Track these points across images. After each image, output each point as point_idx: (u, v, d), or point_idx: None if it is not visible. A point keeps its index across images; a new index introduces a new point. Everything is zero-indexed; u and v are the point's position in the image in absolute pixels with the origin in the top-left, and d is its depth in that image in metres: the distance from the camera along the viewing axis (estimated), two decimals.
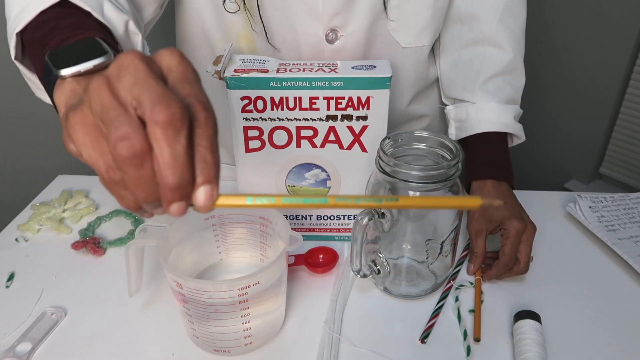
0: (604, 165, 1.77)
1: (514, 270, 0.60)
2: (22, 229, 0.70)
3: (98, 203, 0.76)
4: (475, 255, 0.61)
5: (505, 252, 0.59)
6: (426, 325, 0.55)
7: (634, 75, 1.59)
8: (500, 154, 0.70)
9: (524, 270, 0.60)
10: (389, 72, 0.56)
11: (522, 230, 0.60)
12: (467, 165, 0.70)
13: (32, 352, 0.52)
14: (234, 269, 0.60)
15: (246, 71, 0.56)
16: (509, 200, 0.65)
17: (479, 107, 0.70)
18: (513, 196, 0.67)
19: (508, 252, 0.59)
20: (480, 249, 0.61)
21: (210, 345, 0.51)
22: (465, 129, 0.71)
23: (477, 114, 0.70)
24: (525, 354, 0.49)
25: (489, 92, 0.70)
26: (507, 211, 0.62)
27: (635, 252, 0.64)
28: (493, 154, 0.70)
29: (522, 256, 0.60)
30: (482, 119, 0.70)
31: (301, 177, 0.63)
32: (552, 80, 1.75)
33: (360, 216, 0.52)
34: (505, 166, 0.69)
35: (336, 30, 0.64)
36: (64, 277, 0.62)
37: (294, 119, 0.59)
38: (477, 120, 0.70)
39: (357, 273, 0.56)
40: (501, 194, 0.66)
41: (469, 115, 0.71)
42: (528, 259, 0.60)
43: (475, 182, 0.68)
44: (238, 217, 0.57)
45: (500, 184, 0.67)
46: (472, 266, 0.62)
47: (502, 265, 0.59)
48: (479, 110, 0.70)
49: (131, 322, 0.56)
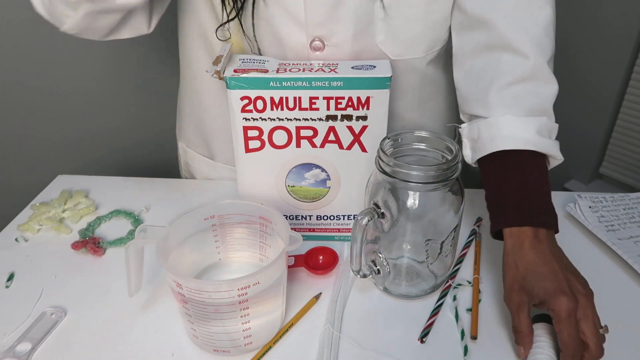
0: (604, 165, 1.77)
1: (587, 358, 0.47)
2: (22, 229, 0.70)
3: (98, 203, 0.76)
4: (520, 334, 0.50)
5: (564, 340, 0.47)
6: (425, 325, 0.55)
7: (634, 75, 1.59)
8: (533, 182, 0.56)
9: (598, 353, 0.47)
10: (389, 72, 0.56)
11: (574, 308, 0.48)
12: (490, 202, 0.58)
13: (32, 352, 0.52)
14: (233, 269, 0.60)
15: (246, 71, 0.56)
16: (550, 265, 0.51)
17: (491, 122, 0.59)
18: (555, 252, 0.53)
19: (567, 340, 0.47)
20: (525, 325, 0.49)
21: (210, 345, 0.51)
22: (479, 149, 0.60)
23: (489, 130, 0.59)
24: (537, 355, 0.49)
25: (505, 104, 0.59)
26: (549, 283, 0.50)
27: (635, 252, 0.64)
28: (524, 184, 0.56)
29: (588, 338, 0.47)
30: (494, 135, 0.58)
31: (301, 177, 0.63)
32: None
33: (360, 216, 0.52)
34: (543, 202, 0.55)
35: (322, 39, 0.63)
36: (64, 277, 0.62)
37: (293, 119, 0.59)
38: (489, 137, 0.58)
39: (357, 273, 0.56)
40: (542, 257, 0.52)
41: (481, 132, 0.59)
42: (597, 338, 0.47)
43: (507, 232, 0.54)
44: (238, 217, 0.57)
45: (538, 234, 0.53)
46: (522, 349, 0.50)
47: (570, 357, 0.47)
48: (491, 126, 0.58)
49: (131, 322, 0.56)
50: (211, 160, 0.82)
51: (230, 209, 0.57)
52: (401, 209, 0.54)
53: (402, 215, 0.54)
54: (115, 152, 1.44)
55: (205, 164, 0.83)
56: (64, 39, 1.22)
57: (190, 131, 0.83)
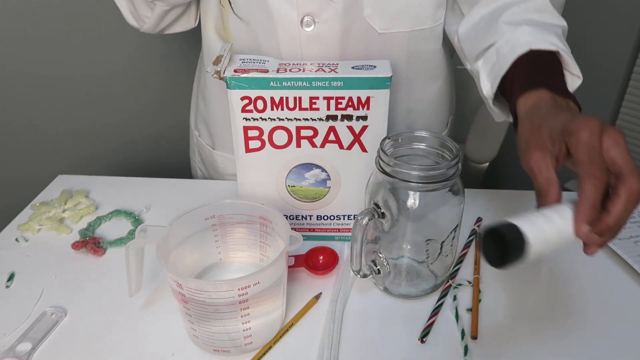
0: None
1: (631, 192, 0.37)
2: (22, 229, 0.70)
3: (98, 203, 0.76)
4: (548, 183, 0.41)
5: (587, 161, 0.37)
6: (425, 325, 0.55)
7: (634, 75, 1.59)
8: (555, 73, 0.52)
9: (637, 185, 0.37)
10: (389, 72, 0.56)
11: (598, 129, 0.39)
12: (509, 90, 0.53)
13: (32, 352, 0.52)
14: (233, 269, 0.60)
15: (246, 71, 0.56)
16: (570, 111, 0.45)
17: (508, 37, 0.55)
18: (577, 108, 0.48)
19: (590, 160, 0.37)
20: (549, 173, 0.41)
21: (210, 345, 0.51)
22: (500, 67, 0.55)
23: (507, 43, 0.55)
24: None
25: (517, 23, 0.56)
26: (568, 114, 0.43)
27: (635, 252, 0.64)
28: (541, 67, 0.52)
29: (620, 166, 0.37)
30: (515, 43, 0.54)
31: (301, 177, 0.63)
32: None
33: (360, 216, 0.52)
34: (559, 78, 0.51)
35: (312, 15, 0.64)
36: (64, 277, 0.62)
37: (294, 119, 0.59)
38: (509, 49, 0.54)
39: (357, 273, 0.56)
40: (558, 105, 0.46)
41: (500, 50, 0.56)
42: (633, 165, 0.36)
43: (521, 100, 0.49)
44: (238, 217, 0.57)
45: (556, 98, 0.47)
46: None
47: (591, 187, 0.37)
48: (509, 40, 0.55)
49: (131, 322, 0.56)
50: (212, 148, 0.83)
51: (230, 209, 0.57)
52: (401, 209, 0.54)
53: (402, 215, 0.54)
54: (115, 151, 1.44)
55: (209, 153, 0.85)
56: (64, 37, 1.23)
57: (198, 119, 0.86)
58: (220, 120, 0.80)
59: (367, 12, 0.65)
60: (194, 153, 0.92)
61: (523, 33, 0.54)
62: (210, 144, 0.85)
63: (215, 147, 0.84)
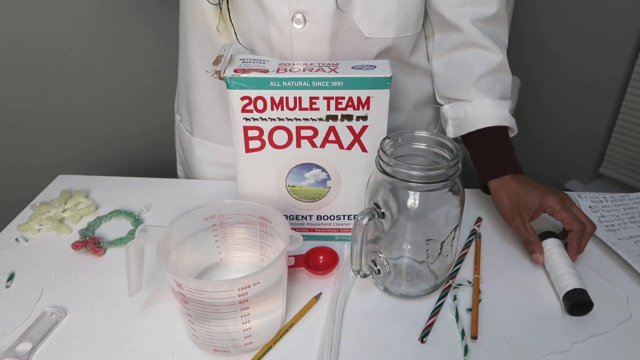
0: (604, 165, 1.77)
1: (587, 233, 0.63)
2: (22, 229, 0.70)
3: (98, 203, 0.76)
4: (531, 242, 0.64)
5: (568, 222, 0.63)
6: (425, 325, 0.55)
7: (634, 75, 1.59)
8: (507, 148, 0.72)
9: (593, 227, 0.63)
10: (389, 72, 0.56)
11: (564, 198, 0.64)
12: (478, 164, 0.73)
13: (32, 352, 0.52)
14: (234, 269, 0.60)
15: (246, 71, 0.56)
16: (531, 185, 0.68)
17: (476, 105, 0.73)
18: (531, 180, 0.70)
19: (571, 221, 0.63)
20: (533, 234, 0.65)
21: (210, 345, 0.51)
22: (464, 126, 0.73)
23: (475, 110, 0.73)
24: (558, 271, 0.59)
25: (483, 90, 0.73)
26: (537, 192, 0.66)
27: (635, 252, 0.64)
28: (501, 149, 0.72)
29: (581, 217, 0.63)
30: (480, 115, 0.72)
31: (301, 177, 0.63)
32: (552, 80, 1.75)
33: (361, 216, 0.52)
34: (515, 160, 0.72)
35: (303, 13, 0.65)
36: (64, 277, 0.62)
37: (294, 119, 0.59)
38: (475, 117, 0.72)
39: (357, 273, 0.56)
40: (524, 183, 0.68)
41: (467, 113, 0.73)
42: (586, 217, 0.64)
43: (494, 181, 0.70)
44: (238, 217, 0.57)
45: (517, 176, 0.69)
46: (538, 254, 0.63)
47: (578, 232, 0.62)
48: (476, 108, 0.73)
49: (131, 322, 0.56)
50: (191, 134, 0.84)
51: (230, 209, 0.57)
52: (401, 209, 0.54)
53: (403, 215, 0.54)
54: (116, 151, 1.44)
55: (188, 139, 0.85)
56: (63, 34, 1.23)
57: (181, 103, 0.86)
58: (202, 106, 0.79)
59: (356, 15, 0.67)
60: (175, 137, 0.93)
61: (488, 106, 0.72)
62: (189, 129, 0.84)
63: (194, 134, 0.83)
